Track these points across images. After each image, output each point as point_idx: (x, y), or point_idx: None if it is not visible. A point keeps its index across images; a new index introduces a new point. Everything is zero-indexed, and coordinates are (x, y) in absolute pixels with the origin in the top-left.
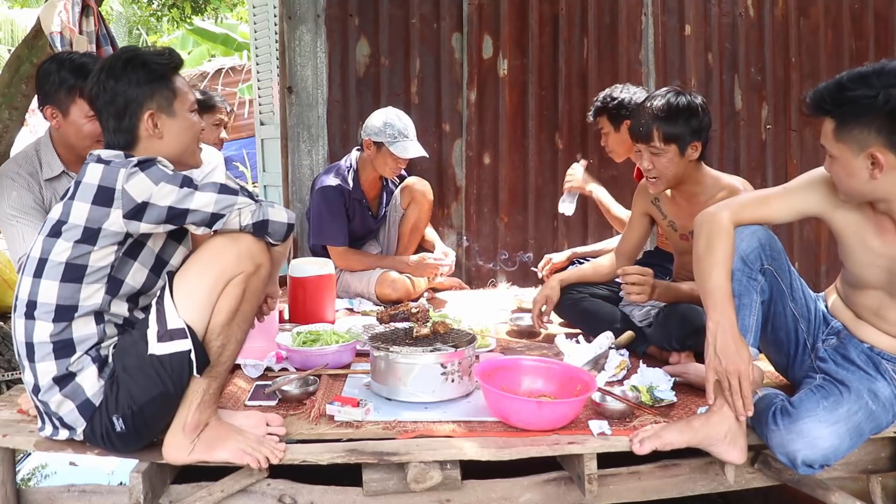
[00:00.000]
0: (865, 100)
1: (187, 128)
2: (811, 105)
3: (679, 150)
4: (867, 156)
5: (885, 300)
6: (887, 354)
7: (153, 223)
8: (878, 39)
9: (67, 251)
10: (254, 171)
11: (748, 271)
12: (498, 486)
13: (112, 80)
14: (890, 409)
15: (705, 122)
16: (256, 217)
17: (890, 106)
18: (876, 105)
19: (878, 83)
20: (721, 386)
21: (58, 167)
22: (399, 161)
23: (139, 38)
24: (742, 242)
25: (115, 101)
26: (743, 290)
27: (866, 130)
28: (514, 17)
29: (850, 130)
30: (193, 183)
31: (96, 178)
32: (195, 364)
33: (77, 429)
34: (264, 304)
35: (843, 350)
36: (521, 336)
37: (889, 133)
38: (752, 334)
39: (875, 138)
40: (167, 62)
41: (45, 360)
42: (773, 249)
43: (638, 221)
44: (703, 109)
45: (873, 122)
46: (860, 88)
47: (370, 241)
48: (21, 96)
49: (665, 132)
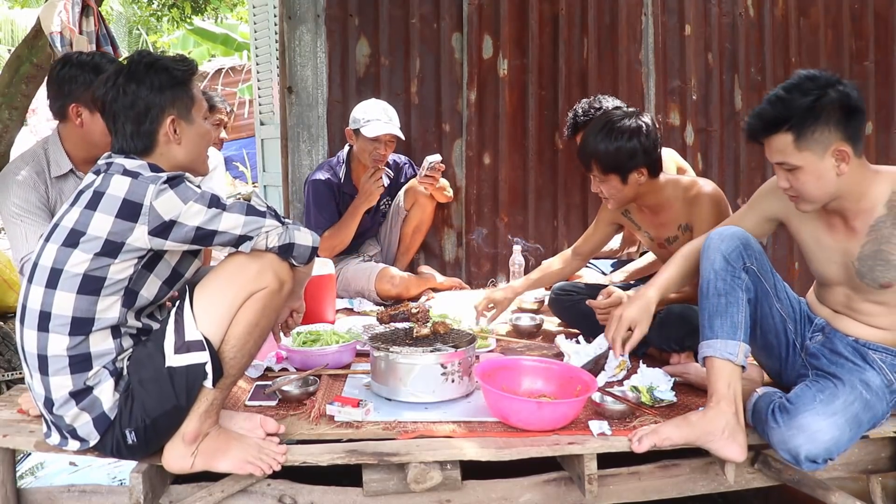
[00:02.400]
0: (817, 101)
1: (203, 135)
2: (761, 128)
3: (621, 179)
4: (833, 153)
5: (851, 294)
6: (872, 345)
7: (179, 241)
8: (878, 39)
9: (86, 263)
10: (254, 171)
11: (731, 269)
12: (498, 486)
13: (133, 83)
14: (883, 398)
15: (648, 146)
16: (283, 240)
17: (838, 101)
18: (827, 102)
19: (814, 85)
20: (609, 325)
21: (66, 165)
22: (374, 145)
23: (139, 38)
24: (723, 243)
25: (136, 105)
26: (728, 289)
27: (826, 130)
28: (514, 17)
29: (812, 134)
30: (221, 202)
31: (122, 191)
32: (211, 376)
33: (90, 441)
34: (289, 319)
35: (830, 345)
36: (521, 336)
37: (845, 126)
38: (742, 330)
39: (835, 134)
40: (187, 68)
41: (60, 373)
42: (754, 250)
43: (602, 228)
44: (644, 133)
45: (830, 120)
46: (804, 95)
47: (369, 240)
48: (21, 96)
49: (603, 165)
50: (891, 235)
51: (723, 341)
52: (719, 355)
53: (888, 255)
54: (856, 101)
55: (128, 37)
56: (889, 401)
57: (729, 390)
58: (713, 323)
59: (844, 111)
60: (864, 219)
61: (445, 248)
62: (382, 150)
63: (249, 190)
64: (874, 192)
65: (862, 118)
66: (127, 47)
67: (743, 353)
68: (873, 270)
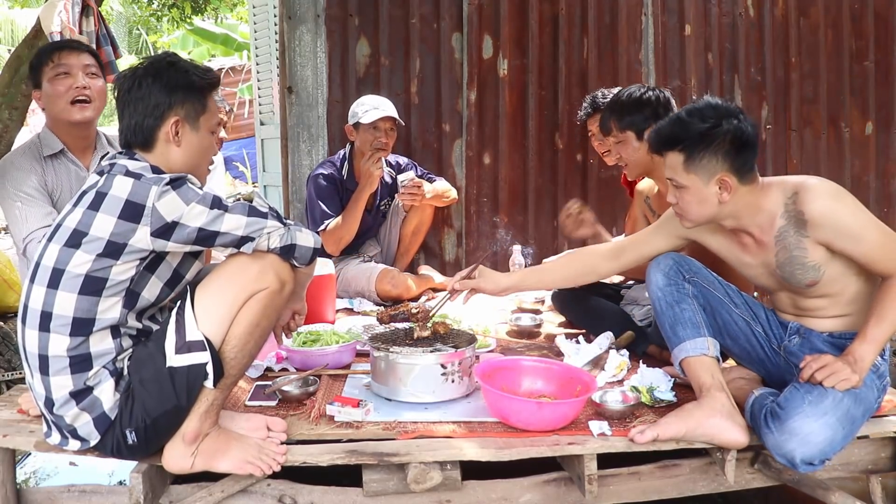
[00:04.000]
0: (711, 130)
1: (206, 147)
2: (659, 142)
3: (636, 136)
4: (717, 181)
5: (793, 296)
6: (847, 334)
7: (181, 243)
8: (878, 39)
9: (88, 264)
10: (254, 171)
11: (673, 282)
12: (498, 486)
13: (150, 77)
14: (872, 385)
15: (660, 110)
16: (284, 241)
17: (731, 133)
18: (720, 133)
19: (713, 114)
20: None
21: (57, 145)
22: (374, 133)
23: (139, 38)
24: (659, 264)
25: (146, 98)
26: (675, 299)
27: (714, 159)
28: (514, 17)
29: (700, 160)
30: (223, 203)
31: (125, 192)
32: (212, 376)
33: (90, 441)
34: (291, 321)
35: (809, 344)
36: (521, 336)
37: (733, 158)
38: (704, 327)
39: (721, 164)
40: (206, 78)
41: (60, 373)
42: (690, 264)
43: (640, 223)
44: (658, 100)
45: (719, 150)
46: (701, 122)
47: (369, 240)
48: (21, 96)
49: (619, 122)
50: (798, 241)
51: (691, 341)
52: (693, 354)
53: (802, 259)
54: (748, 136)
55: (128, 37)
56: (879, 386)
57: (714, 379)
58: (676, 331)
59: (735, 144)
60: (768, 231)
61: (445, 248)
62: (384, 137)
63: (250, 190)
64: (768, 206)
65: (752, 152)
66: (127, 47)
67: (713, 346)
68: (794, 275)
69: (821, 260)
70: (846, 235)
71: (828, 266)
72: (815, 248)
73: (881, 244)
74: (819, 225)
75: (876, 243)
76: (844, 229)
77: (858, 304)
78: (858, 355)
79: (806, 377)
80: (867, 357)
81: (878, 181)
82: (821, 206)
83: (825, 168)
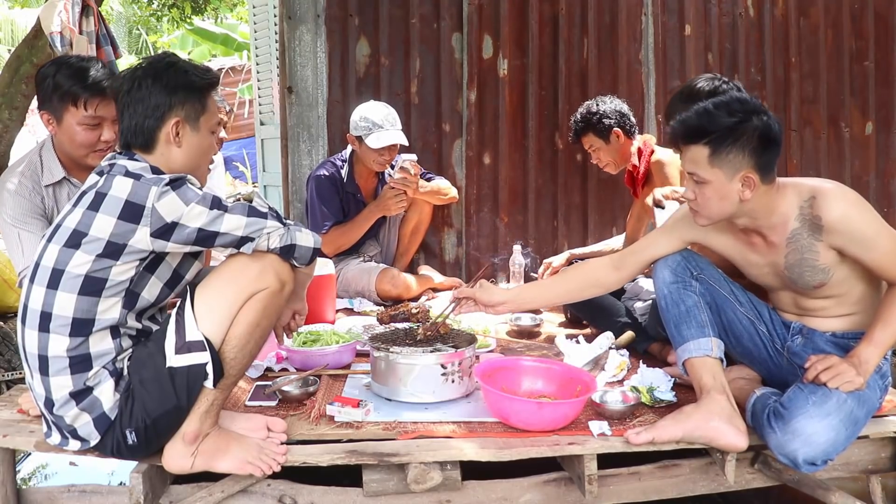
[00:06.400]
0: (740, 125)
1: (206, 147)
2: (685, 134)
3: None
4: (741, 178)
5: (796, 297)
6: (850, 333)
7: (181, 243)
8: (878, 39)
9: (87, 264)
10: (254, 171)
11: (679, 279)
12: (498, 486)
13: (150, 78)
14: (876, 386)
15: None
16: (284, 241)
17: (759, 130)
18: (749, 129)
19: (740, 108)
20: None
21: (59, 173)
22: (379, 153)
23: (139, 38)
24: (667, 260)
25: (146, 99)
26: (683, 296)
27: (741, 154)
28: (514, 17)
29: (727, 155)
30: (223, 204)
31: (124, 193)
32: (212, 377)
33: (90, 441)
34: (291, 321)
35: (812, 344)
36: (521, 336)
37: (759, 156)
38: (709, 327)
39: (748, 161)
40: (206, 78)
41: (60, 374)
42: (698, 261)
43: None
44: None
45: (747, 146)
46: (729, 115)
47: (369, 240)
48: (21, 96)
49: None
50: (810, 245)
51: (694, 341)
52: (696, 354)
53: (812, 262)
54: (775, 133)
55: (128, 37)
56: (881, 386)
57: (716, 381)
58: (680, 330)
59: (762, 141)
60: (780, 232)
61: (445, 248)
62: (388, 156)
63: (249, 190)
64: (783, 208)
65: (776, 151)
66: (127, 47)
67: (717, 347)
68: (802, 277)
69: (831, 263)
70: (860, 242)
71: (837, 269)
72: (827, 252)
73: (892, 251)
74: (835, 230)
75: (887, 250)
76: (859, 236)
77: (862, 304)
78: (864, 358)
79: (811, 378)
80: (872, 360)
81: (877, 181)
82: (839, 212)
83: (825, 168)
